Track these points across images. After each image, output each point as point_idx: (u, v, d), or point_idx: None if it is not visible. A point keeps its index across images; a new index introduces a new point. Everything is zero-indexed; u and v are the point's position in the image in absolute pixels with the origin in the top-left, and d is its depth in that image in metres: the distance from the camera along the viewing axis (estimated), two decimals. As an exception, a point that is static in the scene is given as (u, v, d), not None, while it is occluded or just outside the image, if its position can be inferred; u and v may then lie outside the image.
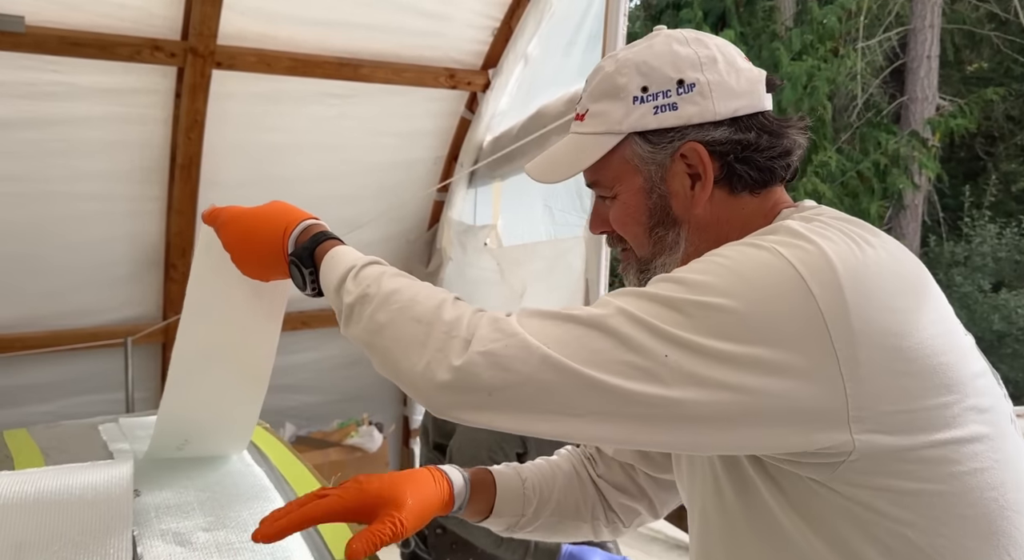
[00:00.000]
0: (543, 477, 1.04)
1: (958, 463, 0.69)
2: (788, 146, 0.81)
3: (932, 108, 9.33)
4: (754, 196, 0.82)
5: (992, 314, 9.18)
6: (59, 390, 2.95)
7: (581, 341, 0.68)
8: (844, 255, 0.68)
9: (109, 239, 2.90)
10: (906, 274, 0.72)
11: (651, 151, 0.81)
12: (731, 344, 0.65)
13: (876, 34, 9.39)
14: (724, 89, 0.79)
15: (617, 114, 0.81)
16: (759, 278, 0.67)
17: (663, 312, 0.67)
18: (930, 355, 0.69)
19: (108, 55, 2.49)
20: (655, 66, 0.80)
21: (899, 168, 8.44)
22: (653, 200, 0.82)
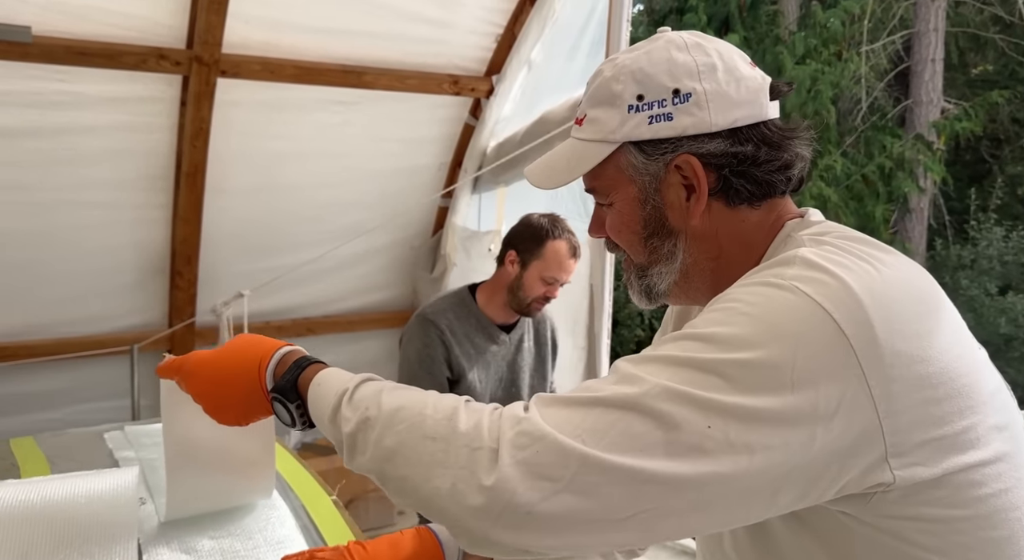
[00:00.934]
0: None
1: (984, 485, 0.68)
2: (789, 159, 0.79)
3: (937, 111, 9.31)
4: (755, 208, 0.79)
5: (999, 317, 9.14)
6: (65, 397, 2.96)
7: (617, 428, 0.62)
8: (866, 285, 0.66)
9: (115, 247, 2.91)
10: (924, 295, 0.71)
11: (645, 162, 0.78)
12: (772, 397, 0.62)
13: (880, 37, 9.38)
14: (722, 99, 0.76)
15: (612, 122, 0.78)
16: (787, 322, 0.64)
17: (697, 377, 0.63)
18: (953, 378, 0.67)
19: (114, 64, 2.50)
20: (651, 74, 0.77)
21: (904, 171, 8.42)
22: (647, 210, 0.80)
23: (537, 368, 2.05)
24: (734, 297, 0.69)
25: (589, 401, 0.64)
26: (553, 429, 0.62)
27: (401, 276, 3.60)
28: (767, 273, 0.70)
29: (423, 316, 1.91)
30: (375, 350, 3.58)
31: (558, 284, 1.90)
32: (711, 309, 0.69)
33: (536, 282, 1.87)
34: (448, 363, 1.88)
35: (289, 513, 1.07)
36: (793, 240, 0.76)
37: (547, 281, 1.87)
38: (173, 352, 1.74)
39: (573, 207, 3.04)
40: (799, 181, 0.82)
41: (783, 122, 0.80)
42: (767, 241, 0.79)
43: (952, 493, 0.67)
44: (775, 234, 0.79)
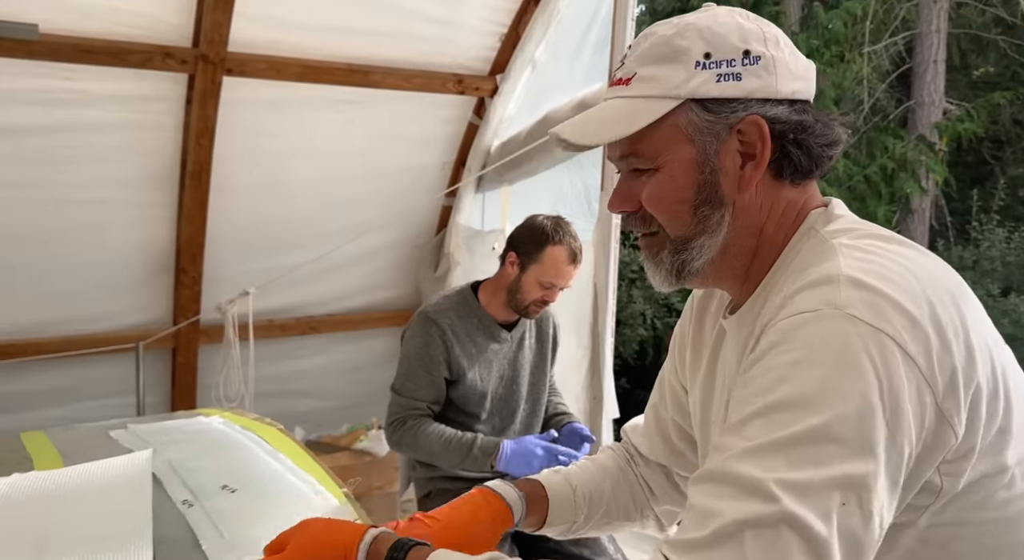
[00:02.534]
0: (593, 482, 1.02)
1: (1013, 486, 0.70)
2: (836, 137, 0.79)
3: (939, 112, 9.31)
4: (795, 186, 0.79)
5: (1002, 319, 9.13)
6: (71, 394, 2.97)
7: (776, 549, 0.59)
8: (913, 295, 0.66)
9: (120, 245, 2.92)
10: (957, 293, 0.71)
11: (710, 121, 0.75)
12: (881, 442, 0.62)
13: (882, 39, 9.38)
14: (787, 68, 0.76)
15: (676, 78, 0.75)
16: (864, 360, 0.63)
17: (811, 452, 0.61)
18: (991, 378, 0.68)
19: (120, 62, 2.51)
20: (721, 34, 0.75)
21: (907, 172, 8.42)
22: (704, 175, 0.76)
23: (538, 365, 2.05)
24: (795, 345, 0.66)
25: (725, 535, 0.61)
26: None
27: (405, 275, 3.60)
28: (815, 298, 0.68)
29: (425, 315, 1.91)
30: (378, 349, 3.59)
31: (556, 289, 1.89)
32: (779, 366, 0.66)
33: (534, 286, 1.87)
34: (448, 363, 1.88)
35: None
36: (817, 235, 0.76)
37: (544, 286, 1.87)
38: (178, 350, 1.72)
39: (578, 207, 3.04)
40: (830, 167, 0.82)
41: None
42: (794, 226, 0.79)
43: (986, 496, 0.68)
44: (800, 221, 0.79)
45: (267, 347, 3.17)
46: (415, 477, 2.04)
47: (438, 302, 1.95)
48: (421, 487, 2.02)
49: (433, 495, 1.97)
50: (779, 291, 0.73)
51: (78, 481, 0.98)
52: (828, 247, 0.73)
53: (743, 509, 0.60)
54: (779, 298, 0.72)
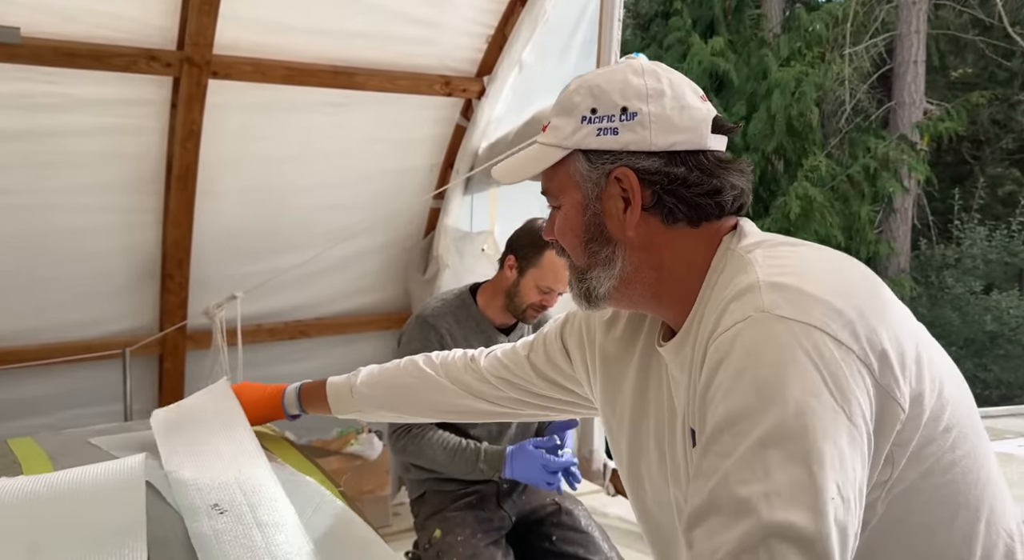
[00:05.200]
0: (387, 377, 1.26)
1: (956, 448, 0.75)
2: (719, 186, 0.84)
3: (920, 112, 9.43)
4: (694, 228, 0.85)
5: (984, 315, 9.25)
6: (57, 403, 2.92)
7: None
8: (833, 288, 0.72)
9: (105, 251, 2.88)
10: (868, 278, 0.78)
11: (589, 169, 0.85)
12: (841, 427, 0.65)
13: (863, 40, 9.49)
14: (664, 122, 0.83)
15: (567, 130, 0.86)
16: (800, 355, 0.67)
17: (779, 454, 0.64)
18: (917, 350, 0.73)
19: (103, 66, 2.48)
20: (606, 90, 0.84)
21: (889, 172, 8.51)
22: (588, 217, 0.87)
23: None
24: (730, 351, 0.71)
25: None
26: None
27: (393, 278, 3.59)
28: (742, 308, 0.73)
29: (423, 318, 1.90)
30: (368, 352, 3.56)
31: (555, 294, 1.88)
32: (719, 371, 0.71)
33: (532, 290, 1.86)
34: None
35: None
36: (734, 253, 0.82)
37: (543, 290, 1.86)
38: (165, 356, 1.75)
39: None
40: (739, 207, 0.88)
41: (724, 154, 0.87)
42: (708, 256, 0.85)
43: (934, 461, 0.73)
44: (715, 249, 0.85)
45: (256, 352, 3.14)
46: (408, 479, 2.03)
47: (436, 305, 1.94)
48: (414, 488, 2.01)
49: (427, 496, 1.96)
50: (712, 309, 0.79)
51: (70, 485, 0.97)
52: (745, 261, 0.79)
53: (735, 535, 0.62)
54: (712, 317, 0.77)
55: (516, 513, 1.96)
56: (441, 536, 1.83)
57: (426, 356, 1.25)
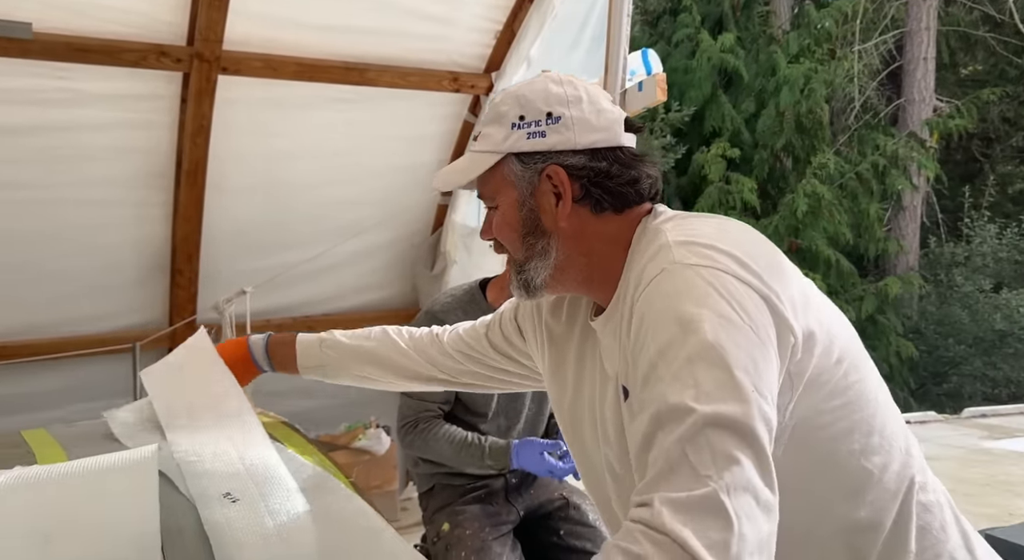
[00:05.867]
0: (353, 339, 1.30)
1: (848, 375, 0.86)
2: (636, 175, 0.95)
3: (929, 110, 9.38)
4: (618, 214, 0.95)
5: (993, 314, 9.19)
6: (67, 396, 2.94)
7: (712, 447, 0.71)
8: (732, 242, 0.83)
9: (116, 245, 2.90)
10: (758, 236, 0.90)
11: (522, 170, 0.95)
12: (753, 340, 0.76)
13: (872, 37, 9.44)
14: (585, 124, 0.94)
15: (498, 137, 0.96)
16: (708, 291, 0.78)
17: (705, 365, 0.74)
18: (804, 294, 0.85)
19: (115, 61, 2.50)
20: (531, 99, 0.95)
21: (898, 169, 8.47)
22: (524, 213, 0.96)
23: None
24: (652, 300, 0.82)
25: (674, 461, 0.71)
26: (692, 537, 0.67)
27: (401, 274, 3.60)
28: (656, 264, 0.84)
29: (432, 313, 1.90)
30: (376, 348, 3.58)
31: None
32: (645, 319, 0.81)
33: None
34: None
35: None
36: (649, 229, 0.93)
37: None
38: (174, 351, 1.79)
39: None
40: (655, 194, 0.99)
41: (635, 150, 0.98)
42: (629, 236, 0.95)
43: (831, 387, 0.85)
44: (635, 229, 0.95)
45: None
46: (417, 473, 2.04)
47: (445, 300, 1.94)
48: (423, 482, 2.02)
49: (435, 490, 1.97)
50: (634, 277, 0.89)
51: (83, 475, 0.97)
52: (658, 231, 0.90)
53: (676, 435, 0.71)
54: (633, 283, 0.88)
55: (524, 507, 1.97)
56: (450, 529, 1.84)
57: (396, 328, 1.33)
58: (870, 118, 9.63)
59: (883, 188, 8.58)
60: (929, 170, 8.69)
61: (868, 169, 8.38)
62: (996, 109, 10.46)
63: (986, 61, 11.25)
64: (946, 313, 9.37)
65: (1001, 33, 10.24)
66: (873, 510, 0.88)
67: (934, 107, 9.42)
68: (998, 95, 9.51)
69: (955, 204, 10.56)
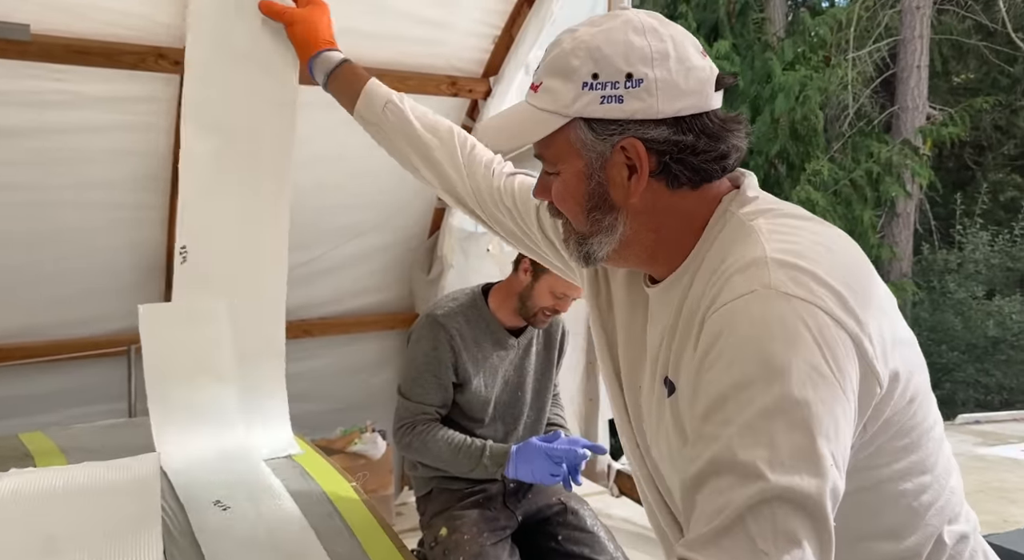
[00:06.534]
0: (418, 119, 1.23)
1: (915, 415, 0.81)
2: (725, 150, 0.84)
3: (923, 117, 9.43)
4: (694, 190, 0.85)
5: (986, 321, 9.23)
6: (61, 400, 2.92)
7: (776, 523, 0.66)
8: (831, 267, 0.75)
9: (112, 248, 2.89)
10: (862, 260, 0.82)
11: (593, 139, 0.83)
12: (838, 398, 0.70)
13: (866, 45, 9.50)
14: (671, 88, 0.80)
15: (567, 96, 0.82)
16: (803, 330, 0.71)
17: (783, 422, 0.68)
18: (893, 329, 0.79)
19: (113, 63, 2.49)
20: (607, 54, 0.80)
21: (892, 176, 8.51)
22: (592, 185, 0.85)
23: (544, 371, 2.03)
24: (735, 321, 0.73)
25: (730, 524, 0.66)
26: None
27: (398, 278, 3.59)
28: (748, 281, 0.75)
29: (434, 318, 1.89)
30: (373, 352, 3.57)
31: (569, 299, 1.87)
32: (723, 339, 0.73)
33: (546, 295, 1.85)
34: (455, 368, 1.87)
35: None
36: (734, 217, 0.83)
37: (557, 295, 1.85)
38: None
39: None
40: (734, 165, 0.87)
41: (724, 112, 0.85)
42: (706, 215, 0.85)
43: (898, 428, 0.79)
44: (713, 209, 0.85)
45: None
46: (415, 476, 2.03)
47: (447, 305, 1.93)
48: (421, 486, 2.02)
49: (433, 494, 1.97)
50: (707, 270, 0.81)
51: (86, 480, 0.97)
52: (748, 229, 0.80)
53: (741, 495, 0.66)
54: (710, 279, 0.79)
55: (522, 512, 1.96)
56: (447, 534, 1.83)
57: (463, 134, 1.23)
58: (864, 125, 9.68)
59: (877, 195, 8.62)
60: (922, 177, 8.74)
61: (862, 176, 8.42)
62: (988, 117, 10.53)
63: (978, 70, 11.33)
64: (939, 320, 9.41)
65: (993, 42, 10.32)
66: (911, 546, 0.83)
67: (927, 115, 9.47)
68: (990, 103, 9.57)
69: (948, 211, 10.61)
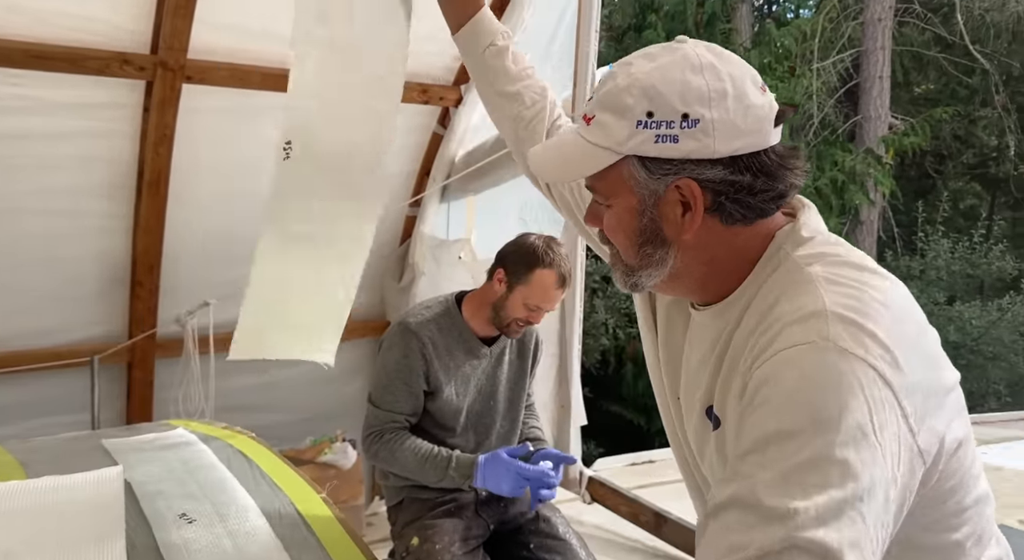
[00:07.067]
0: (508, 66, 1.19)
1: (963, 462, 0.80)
2: (783, 190, 0.82)
3: (885, 127, 9.64)
4: (749, 226, 0.83)
5: (947, 326, 9.44)
6: (23, 411, 2.85)
7: None
8: (888, 327, 0.73)
9: (75, 256, 2.83)
10: (918, 317, 0.80)
11: (647, 177, 0.81)
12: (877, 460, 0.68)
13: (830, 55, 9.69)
14: (728, 128, 0.78)
15: (620, 134, 0.80)
16: (855, 386, 0.70)
17: (820, 476, 0.66)
18: (947, 393, 0.77)
19: (76, 69, 2.45)
20: (663, 93, 0.78)
21: (856, 184, 8.67)
22: (644, 222, 0.83)
23: (517, 381, 2.02)
24: (788, 370, 0.72)
25: None
26: None
27: (369, 285, 3.56)
28: (806, 331, 0.73)
29: (406, 325, 1.88)
30: (344, 361, 3.49)
31: (542, 311, 1.87)
32: (774, 383, 0.72)
33: (519, 306, 1.85)
34: (426, 376, 1.86)
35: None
36: (789, 259, 0.81)
37: (530, 307, 1.85)
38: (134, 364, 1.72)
39: (544, 215, 3.06)
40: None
41: (783, 147, 0.82)
42: (760, 249, 0.84)
43: (943, 472, 0.77)
44: (767, 243, 0.84)
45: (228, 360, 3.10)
46: (386, 485, 2.01)
47: (420, 313, 1.91)
48: (392, 495, 2.00)
49: (404, 504, 1.95)
50: (758, 311, 0.80)
51: (46, 494, 0.95)
52: (806, 277, 0.78)
53: (765, 537, 0.65)
54: (761, 322, 0.78)
55: (495, 521, 1.95)
56: (419, 544, 1.81)
57: (554, 100, 1.20)
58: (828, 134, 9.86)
59: (842, 203, 8.78)
60: (885, 186, 8.92)
61: (827, 184, 8.57)
62: (948, 127, 10.80)
63: (938, 80, 11.63)
64: (902, 325, 9.57)
65: (952, 54, 10.60)
66: None
67: (889, 124, 9.69)
68: (950, 113, 9.82)
69: (910, 219, 10.86)
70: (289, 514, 1.07)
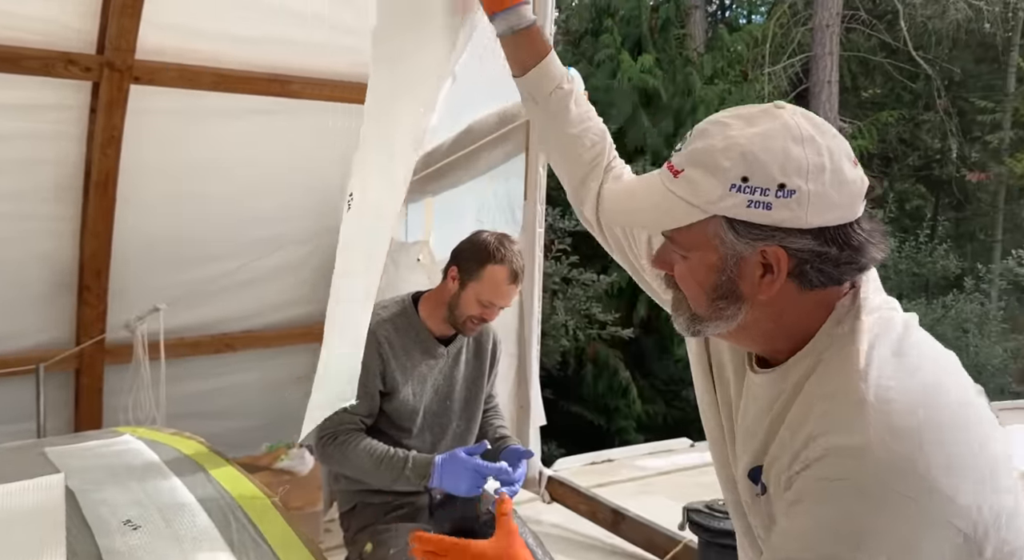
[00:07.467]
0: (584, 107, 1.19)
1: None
2: (864, 264, 0.82)
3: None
4: (822, 290, 0.83)
5: (895, 323, 9.71)
6: (-36, 421, 2.76)
7: None
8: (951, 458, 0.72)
9: (20, 260, 2.75)
10: (971, 404, 0.78)
11: (734, 239, 0.80)
12: None
13: (781, 60, 9.92)
14: (822, 201, 0.78)
15: (711, 194, 0.79)
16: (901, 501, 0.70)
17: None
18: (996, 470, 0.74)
19: (17, 69, 2.38)
20: (763, 161, 0.78)
21: (806, 186, 8.89)
22: (723, 278, 0.83)
23: (474, 380, 2.02)
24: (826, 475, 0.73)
25: None
26: None
27: (324, 289, 3.51)
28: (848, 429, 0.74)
29: None
30: (299, 366, 3.49)
31: (495, 308, 1.87)
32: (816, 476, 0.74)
33: (472, 303, 1.84)
34: (382, 376, 1.85)
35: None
36: (844, 339, 0.81)
37: (483, 304, 1.85)
38: (81, 371, 1.65)
39: (502, 216, 3.07)
40: None
41: (868, 221, 0.83)
42: (822, 317, 0.84)
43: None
44: (829, 311, 0.84)
45: (179, 366, 3.05)
46: (338, 490, 1.99)
47: (377, 313, 1.90)
48: (345, 501, 1.98)
49: (357, 509, 1.93)
50: (813, 395, 0.80)
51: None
52: (858, 375, 0.77)
53: None
54: (813, 409, 0.79)
55: (450, 524, 1.95)
56: (372, 550, 1.80)
57: (613, 152, 1.19)
58: (780, 137, 10.09)
59: (794, 204, 8.99)
60: (835, 187, 9.17)
61: (779, 186, 8.77)
62: (894, 130, 11.15)
63: (884, 85, 11.99)
64: (852, 323, 9.85)
65: (897, 59, 10.94)
66: None
67: (838, 127, 9.95)
68: (895, 117, 10.14)
69: (859, 220, 11.17)
70: (238, 518, 1.05)
